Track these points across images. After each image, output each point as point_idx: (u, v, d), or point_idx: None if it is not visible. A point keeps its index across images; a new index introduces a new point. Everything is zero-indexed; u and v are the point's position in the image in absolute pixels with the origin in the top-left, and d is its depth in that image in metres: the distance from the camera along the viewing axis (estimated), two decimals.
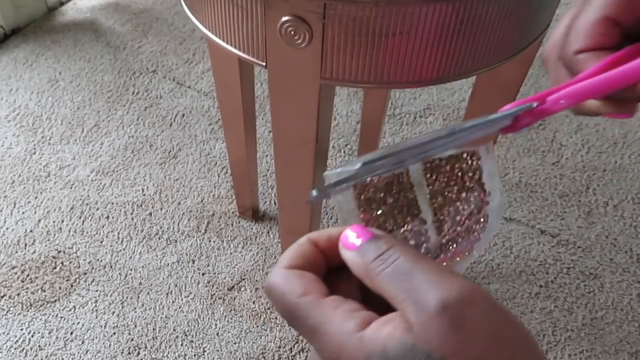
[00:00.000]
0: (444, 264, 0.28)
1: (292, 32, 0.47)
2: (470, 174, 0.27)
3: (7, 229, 1.06)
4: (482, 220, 0.28)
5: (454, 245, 0.28)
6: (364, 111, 1.02)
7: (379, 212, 0.26)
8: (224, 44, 0.54)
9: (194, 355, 0.88)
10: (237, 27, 0.51)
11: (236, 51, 0.53)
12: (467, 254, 0.29)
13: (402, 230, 0.26)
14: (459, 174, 0.27)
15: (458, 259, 0.28)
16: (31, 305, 0.95)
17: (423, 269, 0.22)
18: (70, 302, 0.95)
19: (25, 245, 1.03)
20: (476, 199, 0.28)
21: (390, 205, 0.26)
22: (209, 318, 0.93)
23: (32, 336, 0.91)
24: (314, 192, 0.25)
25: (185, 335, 0.91)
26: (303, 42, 0.47)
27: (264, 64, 0.51)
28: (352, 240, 0.25)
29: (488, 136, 0.28)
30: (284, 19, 0.46)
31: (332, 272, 0.27)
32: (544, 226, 1.07)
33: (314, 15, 0.45)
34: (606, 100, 0.32)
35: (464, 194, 0.27)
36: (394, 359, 0.20)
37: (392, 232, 0.26)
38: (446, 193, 0.27)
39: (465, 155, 0.27)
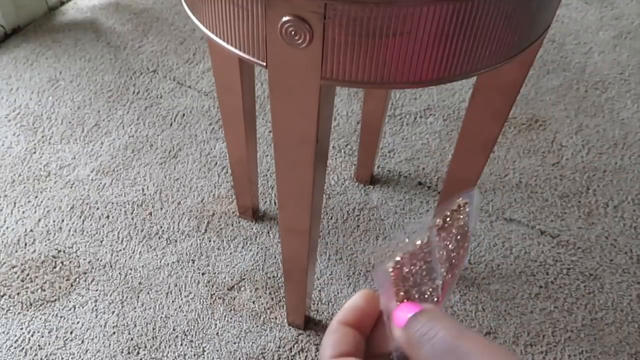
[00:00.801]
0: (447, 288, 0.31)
1: (293, 32, 0.47)
2: (463, 220, 0.30)
3: (7, 228, 1.06)
4: (466, 245, 0.30)
5: (450, 277, 0.30)
6: (364, 111, 1.02)
7: (407, 283, 0.28)
8: (224, 43, 0.54)
9: (194, 355, 0.88)
10: (238, 27, 0.51)
11: (236, 51, 0.53)
12: (456, 272, 0.31)
13: (426, 296, 0.29)
14: (457, 224, 0.29)
15: (452, 281, 0.31)
16: (31, 304, 0.95)
17: (463, 345, 0.23)
18: (70, 301, 0.95)
19: (25, 244, 1.03)
20: (464, 234, 0.30)
21: (415, 276, 0.28)
22: (208, 318, 0.93)
23: (32, 335, 0.91)
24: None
25: (185, 335, 0.91)
26: (303, 42, 0.47)
27: (265, 64, 0.51)
28: (401, 318, 0.27)
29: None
30: (285, 19, 0.46)
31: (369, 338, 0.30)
32: (544, 227, 1.07)
33: (315, 16, 0.45)
34: None
35: (459, 238, 0.30)
36: None
37: (416, 297, 0.29)
38: (450, 246, 0.29)
39: (460, 206, 0.30)
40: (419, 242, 0.28)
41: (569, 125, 1.28)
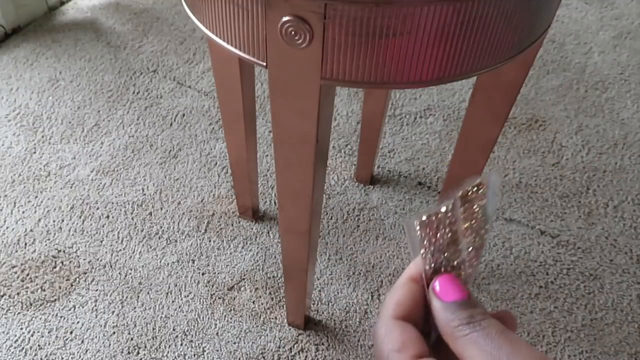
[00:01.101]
0: (470, 271, 0.31)
1: (293, 32, 0.47)
2: (483, 201, 0.30)
3: (7, 228, 1.06)
4: (487, 227, 0.30)
5: (473, 258, 0.30)
6: (364, 111, 1.02)
7: (435, 246, 0.29)
8: (224, 43, 0.54)
9: (194, 355, 0.88)
10: (238, 27, 0.51)
11: (236, 51, 0.53)
12: (478, 255, 0.31)
13: (455, 262, 0.29)
14: (478, 202, 0.30)
15: (474, 264, 0.31)
16: (31, 304, 0.95)
17: (507, 342, 0.23)
18: (70, 301, 0.95)
19: (25, 244, 1.03)
20: (484, 217, 0.30)
21: (441, 240, 0.29)
22: (208, 318, 0.93)
23: (32, 335, 0.91)
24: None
25: (185, 335, 0.91)
26: (303, 42, 0.47)
27: (265, 64, 0.51)
28: (443, 292, 0.27)
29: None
30: (285, 19, 0.46)
31: None
32: (544, 227, 1.07)
33: (315, 16, 0.45)
34: None
35: (480, 217, 0.30)
36: None
37: (444, 264, 0.29)
38: (473, 224, 0.30)
39: (481, 184, 0.30)
40: (444, 209, 0.28)
41: (569, 125, 1.28)
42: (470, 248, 0.29)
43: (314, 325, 0.92)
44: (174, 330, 0.91)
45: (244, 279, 0.98)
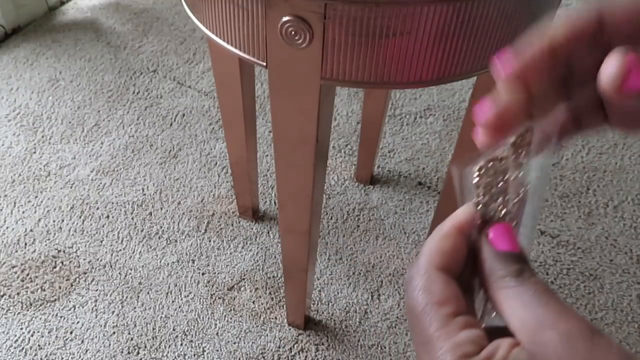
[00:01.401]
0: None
1: (293, 32, 0.47)
2: (528, 147, 0.29)
3: (7, 228, 1.06)
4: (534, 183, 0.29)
5: (518, 213, 0.30)
6: (364, 111, 1.02)
7: (488, 194, 0.27)
8: (224, 43, 0.54)
9: (194, 355, 0.88)
10: (238, 27, 0.51)
11: (237, 51, 0.53)
12: (518, 215, 0.30)
13: (502, 214, 0.28)
14: (527, 149, 0.29)
15: (519, 218, 0.30)
16: (31, 304, 0.95)
17: (552, 302, 0.22)
18: (70, 301, 0.95)
19: (25, 244, 1.03)
20: (527, 171, 0.29)
21: (492, 187, 0.28)
22: (208, 318, 0.93)
23: (32, 335, 0.91)
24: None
25: (185, 335, 0.91)
26: (303, 42, 0.47)
27: (265, 64, 0.51)
28: (496, 239, 0.25)
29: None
30: (285, 19, 0.46)
31: None
32: (544, 227, 1.07)
33: (315, 16, 0.45)
34: None
35: (526, 166, 0.29)
36: None
37: (493, 215, 0.28)
38: (520, 175, 0.28)
39: (527, 131, 0.28)
40: (497, 153, 0.27)
41: None
42: (516, 199, 0.28)
43: (314, 325, 0.92)
44: (174, 330, 0.91)
45: (244, 279, 0.98)
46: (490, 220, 0.28)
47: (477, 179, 0.27)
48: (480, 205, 0.27)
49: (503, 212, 0.28)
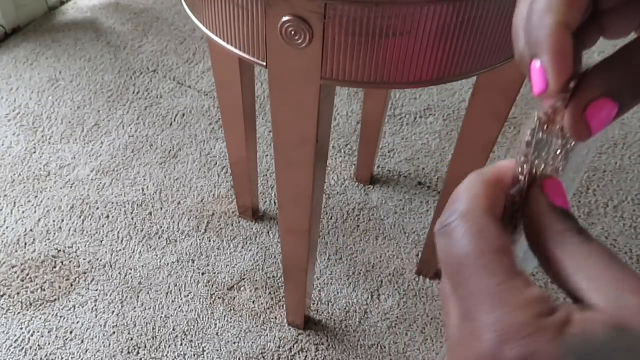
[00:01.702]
0: None
1: (293, 32, 0.47)
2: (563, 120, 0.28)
3: (7, 228, 1.06)
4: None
5: (558, 167, 0.28)
6: (364, 111, 1.02)
7: (535, 154, 0.26)
8: (224, 43, 0.54)
9: (194, 355, 0.88)
10: (238, 27, 0.51)
11: (237, 51, 0.53)
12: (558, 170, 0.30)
13: (549, 169, 0.27)
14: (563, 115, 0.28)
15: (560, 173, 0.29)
16: (31, 304, 0.95)
17: (628, 268, 0.20)
18: (70, 301, 0.95)
19: (25, 244, 1.03)
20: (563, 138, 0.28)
21: (543, 150, 0.27)
22: (208, 318, 0.93)
23: (32, 335, 0.91)
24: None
25: (185, 335, 0.91)
26: (304, 42, 0.47)
27: (265, 64, 0.51)
28: (553, 194, 0.23)
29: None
30: (285, 19, 0.46)
31: None
32: None
33: (315, 16, 0.45)
34: None
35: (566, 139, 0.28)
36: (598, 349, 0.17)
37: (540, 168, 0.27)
38: (561, 140, 0.27)
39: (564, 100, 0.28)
40: (558, 104, 0.26)
41: None
42: (560, 152, 0.27)
43: (314, 325, 0.92)
44: (174, 330, 0.91)
45: (244, 279, 0.98)
46: (534, 179, 0.26)
47: (529, 137, 0.26)
48: (529, 162, 0.26)
49: (549, 171, 0.26)
